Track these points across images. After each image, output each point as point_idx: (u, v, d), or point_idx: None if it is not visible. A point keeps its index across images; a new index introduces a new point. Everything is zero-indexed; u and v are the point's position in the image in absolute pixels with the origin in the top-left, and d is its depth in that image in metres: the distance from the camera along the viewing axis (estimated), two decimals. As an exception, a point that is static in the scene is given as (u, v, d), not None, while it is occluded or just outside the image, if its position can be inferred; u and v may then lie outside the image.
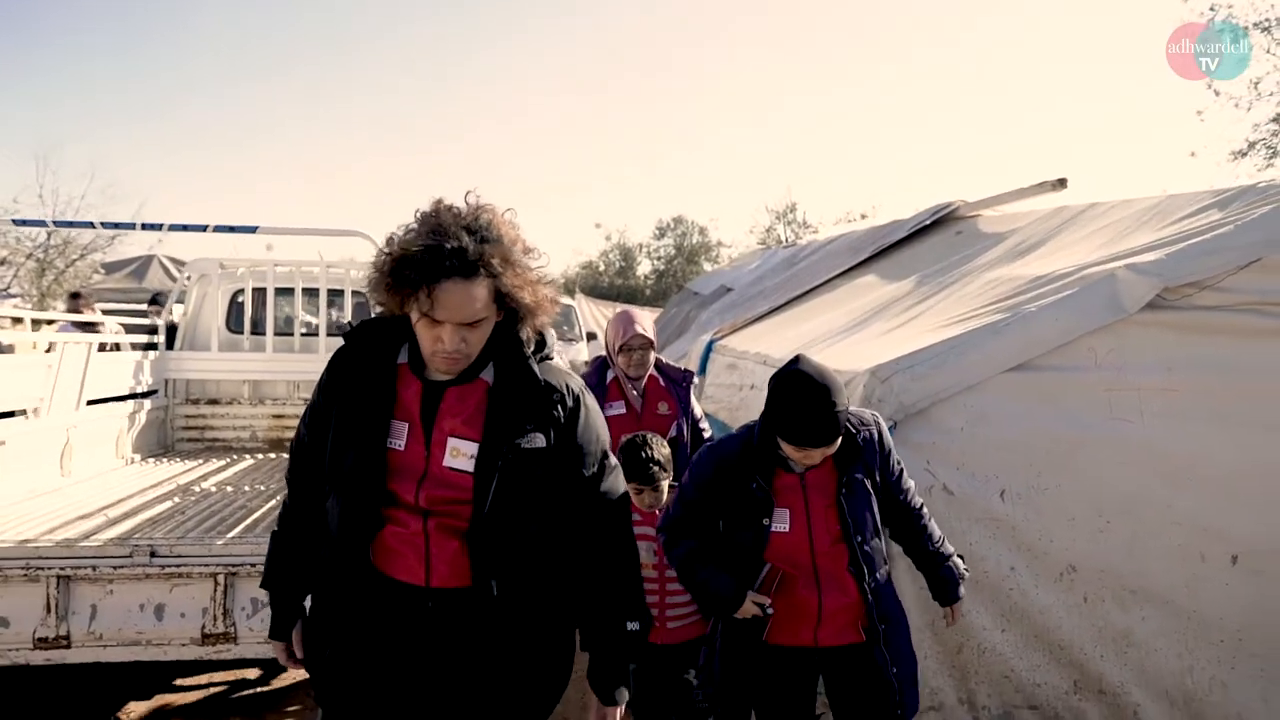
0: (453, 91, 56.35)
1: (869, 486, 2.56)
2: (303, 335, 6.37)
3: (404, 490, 1.79)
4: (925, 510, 2.75)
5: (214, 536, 3.59)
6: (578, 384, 1.96)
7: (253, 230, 4.42)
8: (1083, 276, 3.49)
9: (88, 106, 39.93)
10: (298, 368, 6.06)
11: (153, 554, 3.40)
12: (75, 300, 7.23)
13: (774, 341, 5.23)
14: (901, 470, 2.68)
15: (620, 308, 7.00)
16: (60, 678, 3.96)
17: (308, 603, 2.01)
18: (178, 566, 3.40)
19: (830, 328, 5.03)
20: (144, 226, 4.19)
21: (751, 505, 2.52)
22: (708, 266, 29.47)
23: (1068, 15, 45.69)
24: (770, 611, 2.48)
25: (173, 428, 6.00)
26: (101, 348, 5.31)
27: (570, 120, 55.65)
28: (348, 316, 6.25)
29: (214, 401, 6.13)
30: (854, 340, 4.48)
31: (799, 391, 2.34)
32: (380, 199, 56.78)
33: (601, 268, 36.40)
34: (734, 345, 5.71)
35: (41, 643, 3.28)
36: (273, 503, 4.31)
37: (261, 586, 2.02)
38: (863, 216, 23.75)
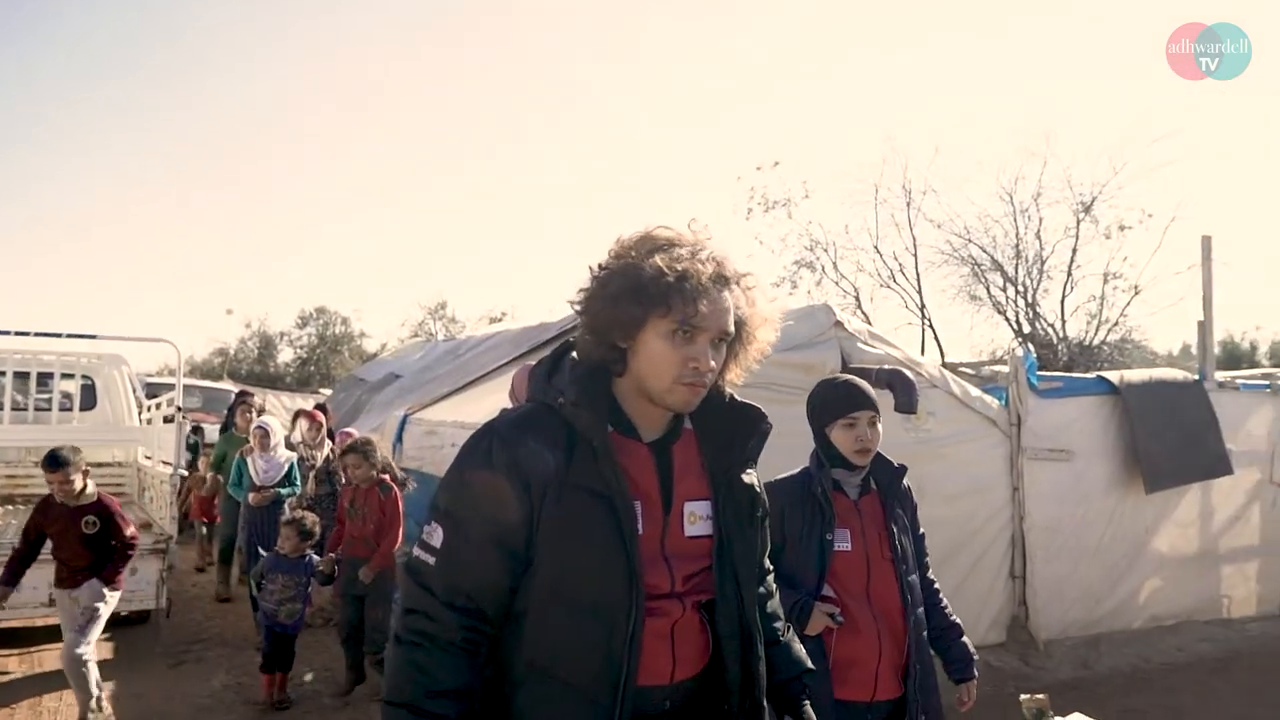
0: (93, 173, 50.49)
1: (906, 521, 2.67)
2: (36, 410, 7.30)
3: (658, 579, 1.49)
4: (938, 584, 2.80)
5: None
6: None
7: (94, 337, 5.53)
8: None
9: None
10: (30, 436, 6.96)
11: None
12: None
13: (464, 411, 6.95)
14: (923, 535, 2.77)
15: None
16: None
17: None
18: None
19: (504, 404, 6.80)
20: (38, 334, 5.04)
21: (814, 519, 2.56)
22: (347, 355, 30.68)
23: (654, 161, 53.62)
24: (840, 621, 2.45)
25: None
26: None
27: (201, 210, 52.54)
28: (77, 397, 7.32)
29: (-44, 464, 6.83)
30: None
31: (831, 379, 2.74)
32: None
33: (238, 355, 35.24)
34: (429, 417, 7.45)
35: None
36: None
37: None
38: (503, 315, 26.44)
